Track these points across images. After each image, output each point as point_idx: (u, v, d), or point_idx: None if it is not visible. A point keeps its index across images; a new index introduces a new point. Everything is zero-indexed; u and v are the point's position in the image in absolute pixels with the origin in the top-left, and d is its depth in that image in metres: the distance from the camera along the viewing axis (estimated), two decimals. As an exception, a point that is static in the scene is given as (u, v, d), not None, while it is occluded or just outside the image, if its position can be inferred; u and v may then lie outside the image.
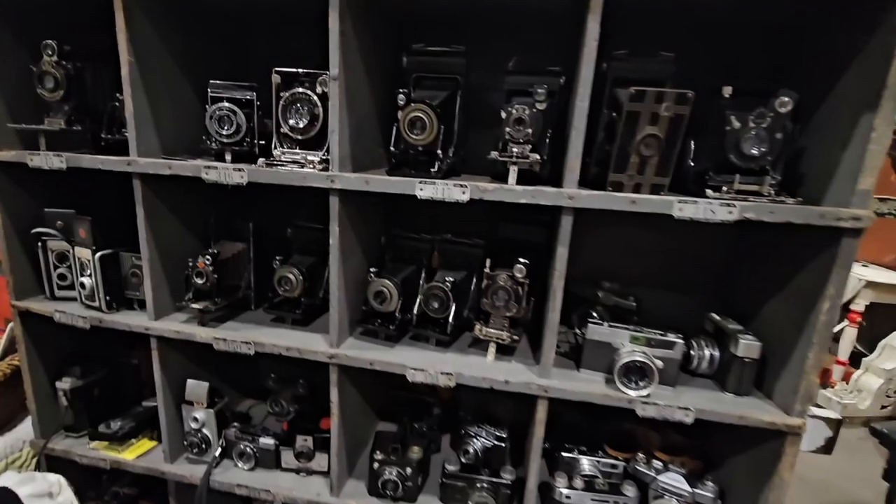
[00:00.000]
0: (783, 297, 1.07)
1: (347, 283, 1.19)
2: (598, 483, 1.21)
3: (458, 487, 1.27)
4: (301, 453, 1.35)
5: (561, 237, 1.00)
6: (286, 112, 1.12)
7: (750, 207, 0.90)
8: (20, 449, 1.53)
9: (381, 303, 1.20)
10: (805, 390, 0.97)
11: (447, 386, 1.11)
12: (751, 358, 1.05)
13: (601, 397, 1.05)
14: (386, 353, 1.18)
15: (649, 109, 0.91)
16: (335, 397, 1.21)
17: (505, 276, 1.14)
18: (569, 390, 1.06)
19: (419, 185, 1.01)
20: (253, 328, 1.29)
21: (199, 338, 1.24)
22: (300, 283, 1.27)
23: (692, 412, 1.01)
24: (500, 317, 1.17)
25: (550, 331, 1.06)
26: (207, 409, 1.37)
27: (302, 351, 1.19)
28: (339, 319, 1.17)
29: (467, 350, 1.23)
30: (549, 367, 1.08)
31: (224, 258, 1.29)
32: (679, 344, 1.06)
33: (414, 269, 1.30)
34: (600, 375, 1.12)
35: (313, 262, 1.33)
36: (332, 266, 1.13)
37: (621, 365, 1.04)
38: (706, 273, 1.35)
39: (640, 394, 1.03)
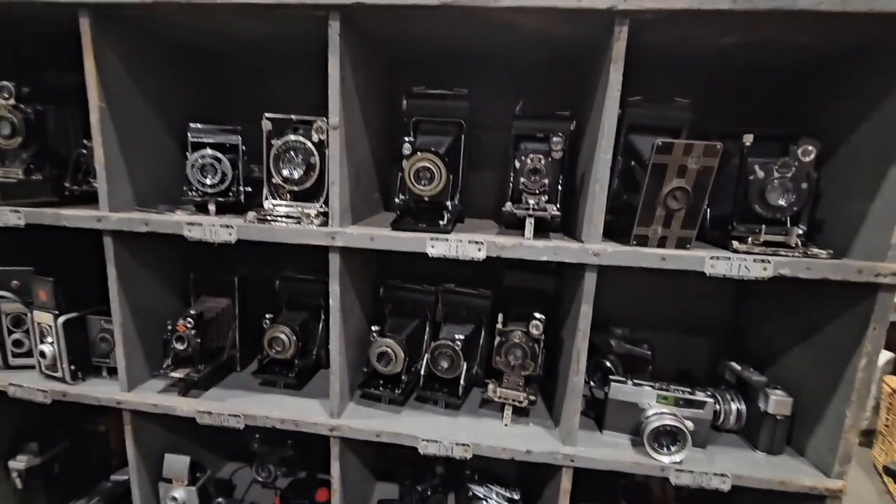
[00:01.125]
0: (809, 349, 1.03)
1: (347, 344, 1.08)
2: (623, 550, 1.13)
3: (473, 562, 1.16)
4: (295, 531, 1.22)
5: (585, 295, 0.93)
6: (279, 162, 1.02)
7: (784, 263, 0.86)
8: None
9: (385, 365, 1.10)
10: (844, 450, 0.92)
11: (463, 457, 1.02)
12: (783, 415, 1.00)
13: (632, 466, 0.98)
14: (393, 422, 1.08)
15: (677, 162, 0.86)
16: (336, 472, 1.09)
17: (520, 334, 1.06)
18: (597, 459, 0.98)
19: (430, 241, 0.93)
20: (241, 396, 1.16)
21: (181, 411, 1.10)
22: (293, 343, 1.16)
23: (729, 479, 0.94)
24: (516, 376, 1.09)
25: (573, 395, 0.98)
26: (188, 487, 1.22)
27: (299, 423, 1.07)
28: (341, 386, 1.07)
29: (479, 412, 1.14)
30: (574, 433, 1.00)
31: (208, 318, 1.17)
32: (710, 403, 1.00)
33: (417, 324, 1.20)
34: (626, 437, 1.05)
35: (305, 317, 1.22)
36: (332, 329, 1.02)
37: (651, 430, 0.97)
38: (719, 316, 1.31)
39: (672, 459, 0.96)
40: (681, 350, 1.30)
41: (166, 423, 1.24)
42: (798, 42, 0.92)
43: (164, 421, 1.21)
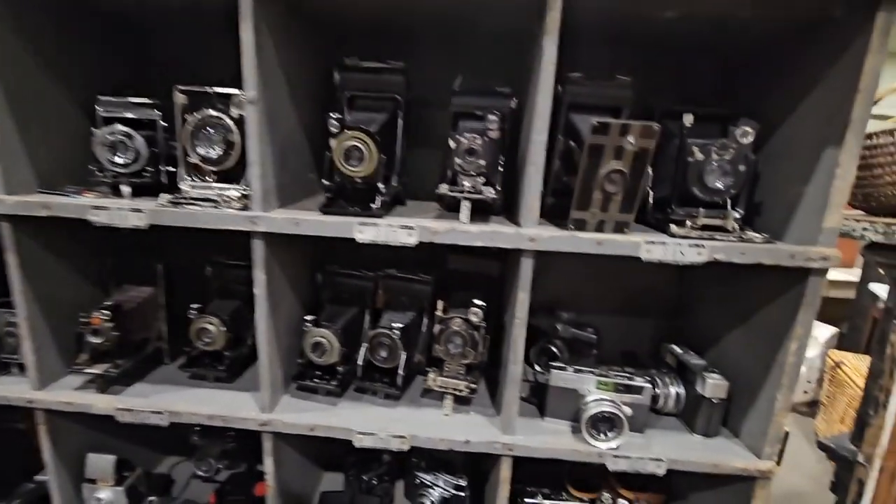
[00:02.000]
0: (745, 332, 1.03)
1: (279, 334, 1.03)
2: (565, 535, 1.13)
3: (416, 552, 1.14)
4: (233, 528, 1.17)
5: (521, 282, 0.90)
6: (194, 139, 0.94)
7: (719, 248, 0.84)
8: None
9: (320, 355, 1.05)
10: (775, 433, 0.93)
11: (400, 450, 0.98)
12: (719, 398, 1.00)
13: (570, 453, 0.96)
14: (328, 415, 1.03)
15: (613, 143, 0.82)
16: (270, 468, 1.04)
17: (460, 321, 1.02)
18: (536, 447, 0.97)
19: (358, 226, 0.87)
20: (167, 391, 1.09)
21: (98, 409, 1.03)
22: (222, 334, 1.09)
23: (665, 463, 0.94)
24: (456, 364, 1.05)
25: (512, 383, 0.95)
26: (115, 487, 1.15)
27: (228, 419, 1.01)
28: (272, 379, 1.01)
29: (420, 401, 1.11)
30: (513, 422, 0.98)
31: (127, 309, 1.08)
32: (648, 389, 0.99)
33: (356, 312, 1.15)
34: (566, 424, 1.03)
35: (237, 306, 1.15)
36: (258, 319, 0.96)
37: (589, 416, 0.95)
38: (662, 299, 1.31)
39: (609, 445, 0.96)
40: (626, 333, 1.30)
41: (88, 422, 1.15)
42: (739, 17, 0.89)
43: (85, 419, 1.13)
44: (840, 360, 3.10)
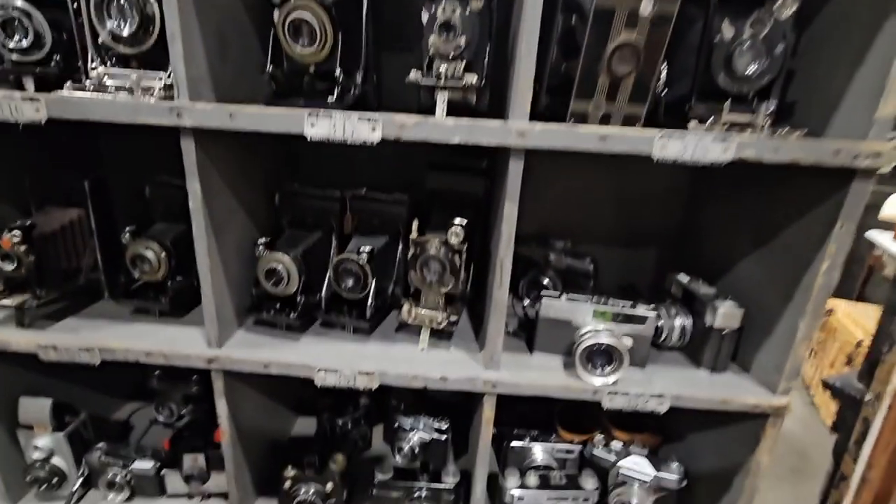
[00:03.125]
0: (765, 255, 0.90)
1: (227, 260, 0.88)
2: (554, 477, 1.04)
3: (393, 498, 1.05)
4: (191, 476, 1.06)
5: (509, 190, 0.74)
6: (102, 9, 0.75)
7: (748, 144, 0.69)
8: None
9: (275, 284, 0.90)
10: (792, 365, 0.82)
11: (367, 388, 0.86)
12: (730, 329, 0.88)
13: (560, 390, 0.85)
14: (286, 350, 0.90)
15: (626, 5, 0.65)
16: (223, 410, 0.92)
17: (437, 243, 0.88)
18: (522, 384, 0.85)
19: (309, 119, 0.71)
20: (103, 326, 0.95)
21: (17, 345, 0.89)
22: (163, 261, 0.94)
23: (667, 400, 0.83)
24: (434, 294, 0.92)
25: (497, 313, 0.82)
26: (55, 434, 1.03)
27: (169, 356, 0.88)
28: (218, 310, 0.87)
29: (394, 337, 0.98)
30: (497, 356, 0.86)
31: (46, 232, 0.92)
32: (651, 318, 0.87)
33: (320, 237, 1.00)
34: (558, 359, 0.92)
35: (181, 231, 0.99)
36: (196, 240, 0.81)
37: (584, 349, 0.83)
38: (668, 226, 1.17)
39: (606, 381, 0.84)
40: (626, 264, 1.17)
41: (19, 362, 1.02)
42: None
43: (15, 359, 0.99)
44: (832, 308, 3.06)
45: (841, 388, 1.29)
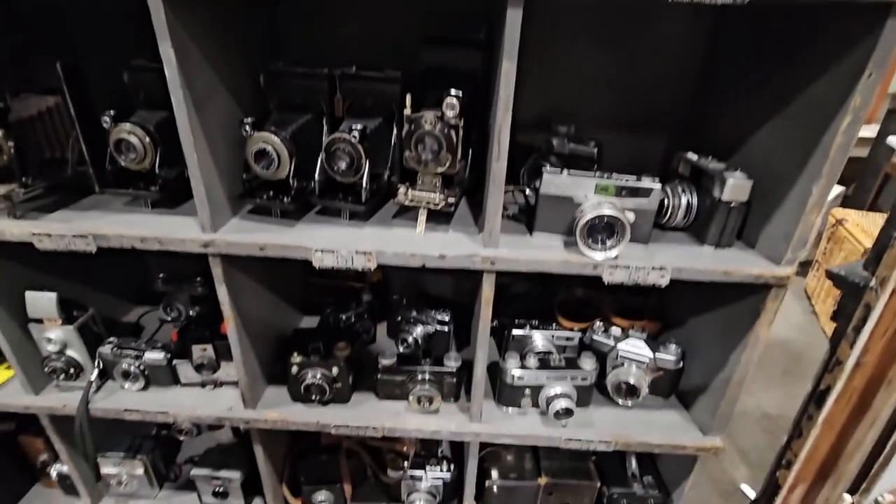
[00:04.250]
0: (780, 122, 0.85)
1: (212, 139, 0.84)
2: (553, 359, 1.07)
3: (397, 382, 1.09)
4: (202, 365, 1.10)
5: (506, 46, 0.68)
6: None
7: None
8: None
9: (266, 167, 0.87)
10: (801, 233, 0.79)
11: (366, 269, 0.86)
12: (738, 201, 0.85)
13: (560, 265, 0.84)
14: (282, 234, 0.89)
15: None
16: (225, 297, 0.93)
17: (432, 118, 0.83)
18: (520, 259, 0.84)
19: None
20: (95, 216, 0.94)
21: (11, 235, 0.88)
22: (149, 147, 0.90)
23: (668, 272, 0.82)
24: (430, 174, 0.89)
25: (496, 186, 0.79)
26: (65, 326, 1.06)
27: (164, 241, 0.87)
28: (209, 192, 0.85)
29: (391, 223, 0.96)
30: (496, 233, 0.84)
31: (23, 117, 0.88)
32: (656, 191, 0.84)
33: (310, 119, 0.95)
34: (558, 238, 0.90)
35: (165, 117, 0.94)
36: (177, 112, 0.77)
37: (585, 222, 0.81)
38: (677, 104, 1.11)
39: (607, 255, 0.83)
40: (633, 149, 1.12)
41: (21, 258, 1.03)
42: None
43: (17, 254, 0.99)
44: (842, 218, 3.01)
45: (845, 275, 1.27)
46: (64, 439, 1.17)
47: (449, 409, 1.10)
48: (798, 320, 3.09)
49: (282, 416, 1.06)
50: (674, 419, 1.08)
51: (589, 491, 1.18)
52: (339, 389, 1.08)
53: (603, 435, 1.03)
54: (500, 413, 1.08)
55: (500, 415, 1.08)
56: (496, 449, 1.21)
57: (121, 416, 1.08)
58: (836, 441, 1.33)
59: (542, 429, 1.05)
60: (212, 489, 1.27)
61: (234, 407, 1.08)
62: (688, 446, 1.03)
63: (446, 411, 1.09)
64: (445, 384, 1.08)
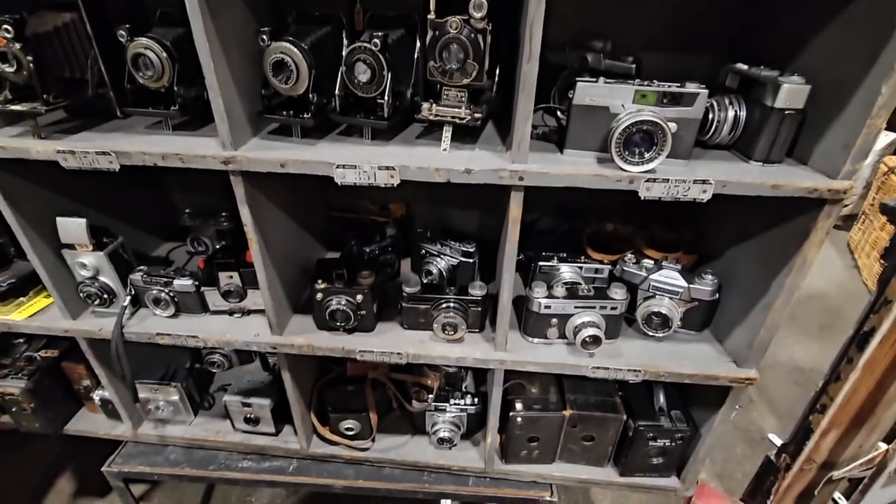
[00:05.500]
0: (843, 22, 0.76)
1: (229, 51, 0.81)
2: (581, 289, 1.04)
3: (422, 310, 1.08)
4: (229, 292, 1.11)
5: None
6: None
7: None
8: None
9: (285, 80, 0.84)
10: (864, 142, 0.72)
11: (389, 185, 0.83)
12: (793, 109, 0.78)
13: (592, 179, 0.79)
14: (303, 151, 0.86)
15: None
16: (247, 217, 0.92)
17: (458, 22, 0.78)
18: (550, 174, 0.80)
19: None
20: (117, 137, 0.93)
21: (36, 153, 0.88)
22: (166, 63, 0.88)
23: (711, 186, 0.77)
24: (456, 86, 0.84)
25: (526, 93, 0.74)
26: (96, 253, 1.07)
27: (185, 158, 0.85)
28: (227, 108, 0.82)
29: (415, 142, 0.92)
30: (525, 146, 0.79)
31: (40, 32, 0.86)
32: (702, 96, 0.77)
33: (329, 31, 0.90)
34: (591, 155, 0.85)
35: (182, 33, 0.91)
36: (192, 17, 0.73)
37: (622, 131, 0.75)
38: (723, 16, 1.01)
39: (645, 168, 0.77)
40: (674, 65, 1.03)
41: (52, 184, 1.04)
42: None
43: (45, 178, 1.01)
44: (894, 166, 2.81)
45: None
46: (103, 364, 1.22)
47: (473, 338, 1.09)
48: (839, 274, 2.96)
49: (308, 342, 1.08)
50: (706, 351, 1.05)
51: (614, 423, 1.17)
52: (363, 317, 1.08)
53: (631, 364, 1.01)
54: (525, 343, 1.07)
55: (526, 345, 1.07)
56: (520, 381, 1.21)
57: (153, 339, 1.12)
58: (876, 387, 1.28)
59: (569, 357, 1.03)
60: (243, 416, 1.31)
61: (261, 333, 1.10)
62: (721, 376, 0.99)
63: (471, 340, 1.09)
64: (470, 313, 1.07)
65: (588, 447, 1.22)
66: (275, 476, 1.32)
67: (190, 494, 1.88)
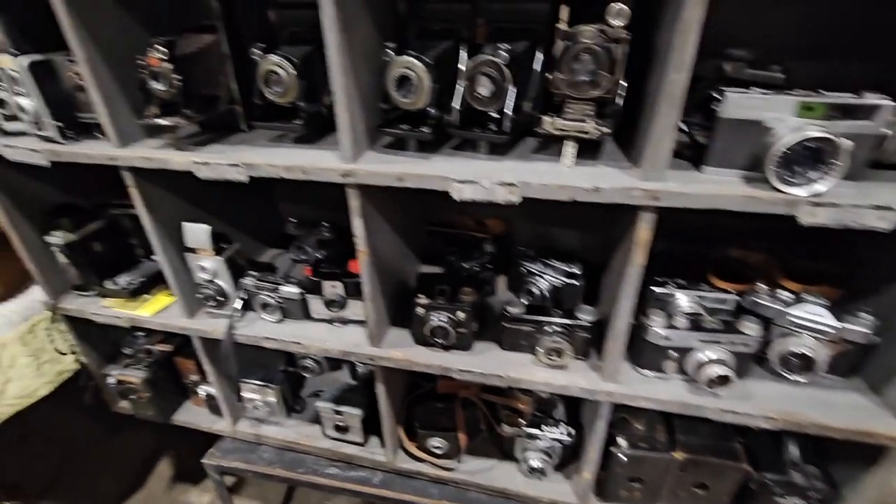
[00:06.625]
0: None
1: (357, 67, 0.82)
2: (706, 321, 0.94)
3: (524, 332, 1.03)
4: (332, 301, 1.13)
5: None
6: None
7: None
8: (40, 311, 1.41)
9: (406, 94, 0.83)
10: None
11: (508, 202, 0.79)
12: None
13: (740, 201, 0.70)
14: (420, 165, 0.86)
15: None
16: (360, 229, 0.92)
17: (592, 32, 0.73)
18: (690, 194, 0.72)
19: None
20: (244, 150, 0.98)
21: (176, 164, 0.95)
22: (294, 79, 0.91)
23: (894, 212, 0.65)
24: (582, 100, 0.79)
25: (669, 104, 0.68)
26: (215, 257, 1.14)
27: (307, 170, 0.88)
28: (352, 122, 0.83)
29: (532, 157, 0.89)
30: (661, 164, 0.73)
31: (187, 53, 0.93)
32: (885, 108, 0.66)
33: (449, 46, 0.89)
34: (735, 174, 0.76)
35: (309, 51, 0.94)
36: (326, 28, 0.75)
37: (783, 148, 0.66)
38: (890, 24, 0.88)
39: (813, 191, 0.68)
40: (830, 75, 0.91)
41: (179, 190, 1.12)
42: None
43: (175, 186, 1.09)
44: None
45: None
46: (212, 361, 1.29)
47: (578, 365, 1.02)
48: None
49: (405, 356, 1.06)
50: (857, 401, 0.91)
51: (733, 473, 1.04)
52: (462, 335, 1.05)
53: (766, 410, 0.89)
54: (637, 375, 0.99)
55: (638, 377, 0.98)
56: (624, 415, 1.12)
57: (260, 343, 1.16)
58: None
59: (689, 395, 0.93)
60: (333, 423, 1.33)
61: (360, 343, 1.10)
62: (878, 434, 0.85)
63: (575, 368, 1.02)
64: (576, 338, 1.00)
65: (699, 496, 1.10)
66: (360, 486, 1.32)
67: (274, 492, 1.94)
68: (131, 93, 0.98)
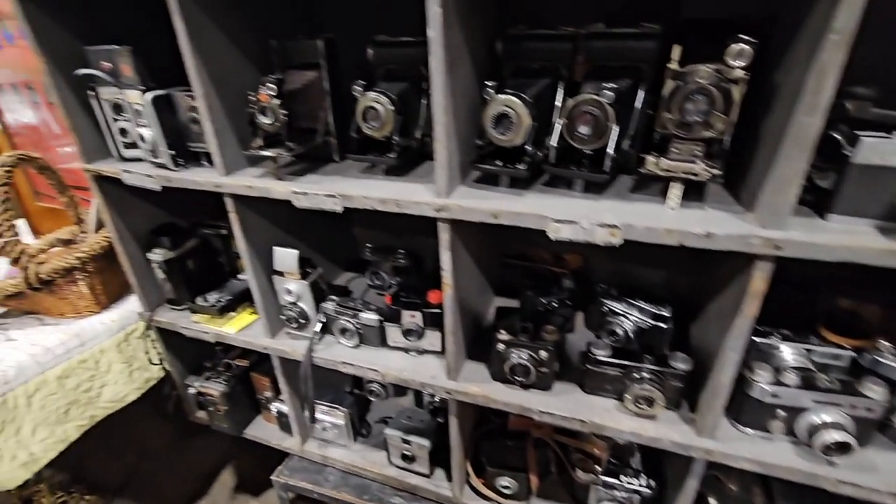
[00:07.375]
0: None
1: (457, 104, 0.83)
2: (819, 378, 0.86)
3: (610, 376, 0.98)
4: (409, 331, 1.14)
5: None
6: None
7: None
8: (135, 321, 1.51)
9: (503, 131, 0.84)
10: None
11: (608, 243, 0.77)
12: None
13: (877, 254, 0.64)
14: (514, 202, 0.85)
15: None
16: (447, 263, 0.92)
17: (708, 72, 0.70)
18: (818, 244, 0.66)
19: None
20: (339, 181, 1.01)
21: (276, 193, 0.99)
22: (391, 115, 0.94)
23: None
24: (691, 140, 0.76)
25: (798, 148, 0.63)
26: (300, 281, 1.18)
27: (401, 203, 0.89)
28: (449, 157, 0.84)
29: (630, 197, 0.86)
30: (784, 211, 0.68)
31: (292, 90, 0.99)
32: None
33: (547, 84, 0.89)
34: (865, 223, 0.70)
35: (405, 88, 0.98)
36: (434, 68, 0.76)
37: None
38: None
39: (964, 247, 0.61)
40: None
41: (272, 216, 1.17)
42: None
43: (269, 212, 1.14)
44: None
45: None
46: (288, 381, 1.33)
47: (668, 416, 0.96)
48: None
49: (483, 392, 1.04)
50: None
51: (846, 551, 0.93)
52: (543, 375, 1.02)
53: (893, 486, 0.79)
54: (736, 433, 0.91)
55: (738, 435, 0.90)
56: (716, 473, 1.03)
57: (338, 367, 1.18)
58: None
59: (799, 461, 0.84)
60: (401, 452, 1.32)
61: (437, 375, 1.09)
62: None
63: (665, 419, 0.96)
64: (669, 387, 0.94)
65: (802, 572, 0.99)
66: (424, 520, 1.30)
67: (331, 513, 1.94)
68: (238, 125, 1.05)
